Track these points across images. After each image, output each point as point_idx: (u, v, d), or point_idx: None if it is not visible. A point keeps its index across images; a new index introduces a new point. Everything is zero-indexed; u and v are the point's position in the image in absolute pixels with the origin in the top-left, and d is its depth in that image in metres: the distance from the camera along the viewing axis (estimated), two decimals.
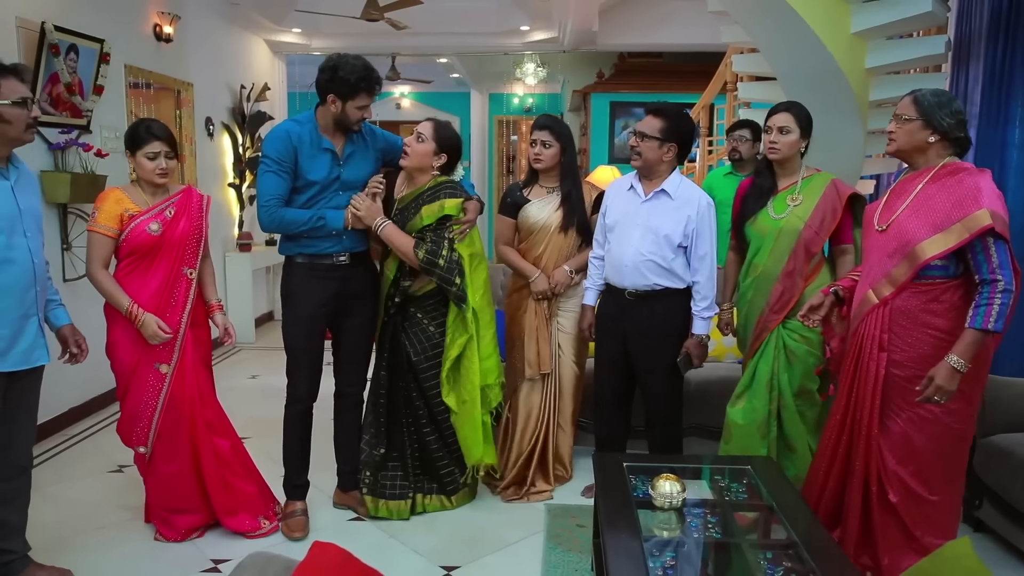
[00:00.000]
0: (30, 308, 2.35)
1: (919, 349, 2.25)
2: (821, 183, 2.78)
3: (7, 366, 2.29)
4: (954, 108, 2.24)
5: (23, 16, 3.72)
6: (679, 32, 7.26)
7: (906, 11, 3.52)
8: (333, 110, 2.77)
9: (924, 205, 2.24)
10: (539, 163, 3.18)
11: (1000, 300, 2.09)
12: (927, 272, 2.23)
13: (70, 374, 2.66)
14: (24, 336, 2.33)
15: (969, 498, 2.88)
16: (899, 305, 2.28)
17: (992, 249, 2.12)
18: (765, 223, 2.82)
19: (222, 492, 2.83)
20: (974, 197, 2.13)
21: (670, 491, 2.15)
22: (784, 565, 1.90)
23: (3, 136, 2.25)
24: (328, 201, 2.83)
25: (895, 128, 2.30)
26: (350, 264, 2.89)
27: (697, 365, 2.97)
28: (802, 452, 2.78)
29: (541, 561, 2.72)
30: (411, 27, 6.89)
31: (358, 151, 2.90)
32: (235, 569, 1.50)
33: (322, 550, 1.44)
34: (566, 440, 3.34)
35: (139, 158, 2.68)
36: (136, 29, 4.86)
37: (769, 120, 2.81)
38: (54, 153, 3.96)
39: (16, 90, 2.24)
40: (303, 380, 2.93)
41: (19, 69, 2.30)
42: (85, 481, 3.38)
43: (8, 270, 2.27)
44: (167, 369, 2.71)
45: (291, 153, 2.76)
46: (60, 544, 2.73)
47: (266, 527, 2.88)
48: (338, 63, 2.73)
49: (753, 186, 2.91)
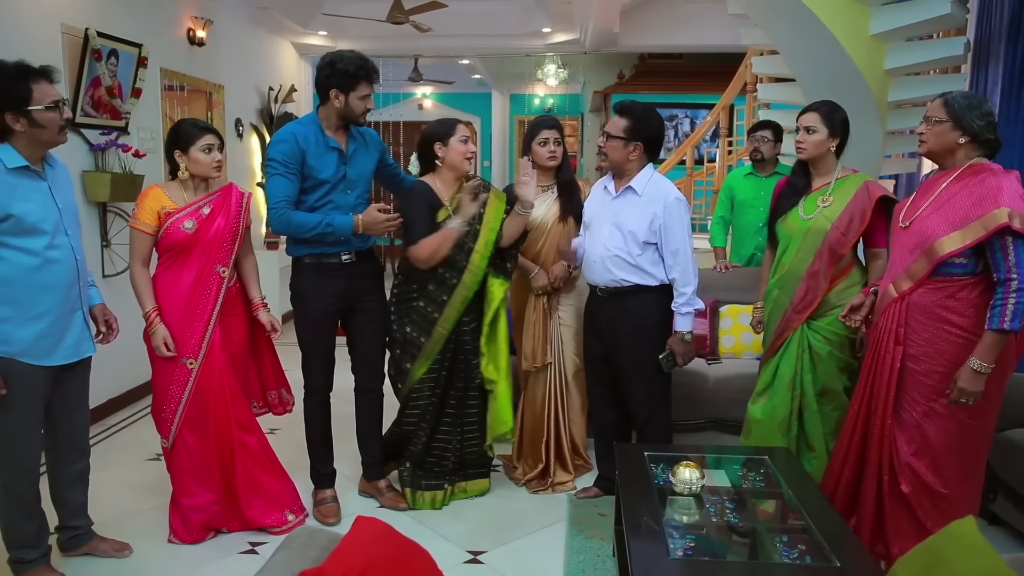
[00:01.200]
0: (75, 303, 2.47)
1: (935, 344, 2.30)
2: (854, 184, 2.76)
3: (58, 359, 2.42)
4: (985, 110, 2.28)
5: (68, 23, 3.88)
6: (699, 33, 7.31)
7: (924, 13, 3.57)
8: (337, 105, 2.83)
9: (946, 204, 2.29)
10: (554, 160, 3.27)
11: (1015, 299, 2.13)
12: (946, 269, 2.28)
13: (108, 366, 2.78)
14: (71, 330, 2.45)
15: (984, 491, 2.93)
16: (916, 300, 2.34)
17: (1010, 248, 2.15)
18: (794, 222, 2.83)
19: (246, 484, 2.86)
20: (994, 196, 2.17)
21: (690, 478, 2.25)
22: (799, 548, 1.98)
23: (38, 139, 2.32)
24: (336, 200, 2.89)
25: (925, 130, 2.35)
26: (356, 263, 2.96)
27: (680, 364, 2.95)
28: (820, 451, 2.80)
29: (564, 547, 2.82)
30: (434, 29, 7.01)
31: (360, 148, 2.98)
32: (284, 541, 1.62)
33: (365, 523, 1.55)
34: (579, 431, 3.42)
35: (194, 153, 2.71)
36: (171, 33, 5.02)
37: (798, 120, 2.83)
38: (94, 154, 4.12)
39: (48, 94, 2.31)
40: (318, 374, 3.04)
41: (49, 72, 2.36)
42: (127, 468, 3.53)
43: (54, 269, 2.37)
44: (193, 364, 2.74)
45: (298, 155, 2.82)
46: (108, 527, 2.86)
47: (292, 521, 2.92)
48: (334, 58, 2.81)
49: (787, 185, 2.93)
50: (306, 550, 1.52)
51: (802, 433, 2.84)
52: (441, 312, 2.97)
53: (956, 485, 2.35)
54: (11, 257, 2.29)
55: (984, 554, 1.37)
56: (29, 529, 2.47)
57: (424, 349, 2.99)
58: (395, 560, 1.47)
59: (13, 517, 2.45)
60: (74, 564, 2.66)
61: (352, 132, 2.96)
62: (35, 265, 2.32)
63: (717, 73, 7.99)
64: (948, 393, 2.26)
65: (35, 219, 2.31)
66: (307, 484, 3.14)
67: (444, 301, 2.97)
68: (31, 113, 2.27)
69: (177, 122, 2.84)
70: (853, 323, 2.58)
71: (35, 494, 2.47)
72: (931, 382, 2.32)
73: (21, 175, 2.31)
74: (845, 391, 2.78)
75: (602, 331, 3.03)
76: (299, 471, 3.16)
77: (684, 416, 3.47)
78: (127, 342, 2.89)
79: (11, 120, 2.26)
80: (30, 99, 2.26)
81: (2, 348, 2.29)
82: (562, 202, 3.28)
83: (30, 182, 2.34)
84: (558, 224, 3.29)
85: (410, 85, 10.72)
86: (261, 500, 2.89)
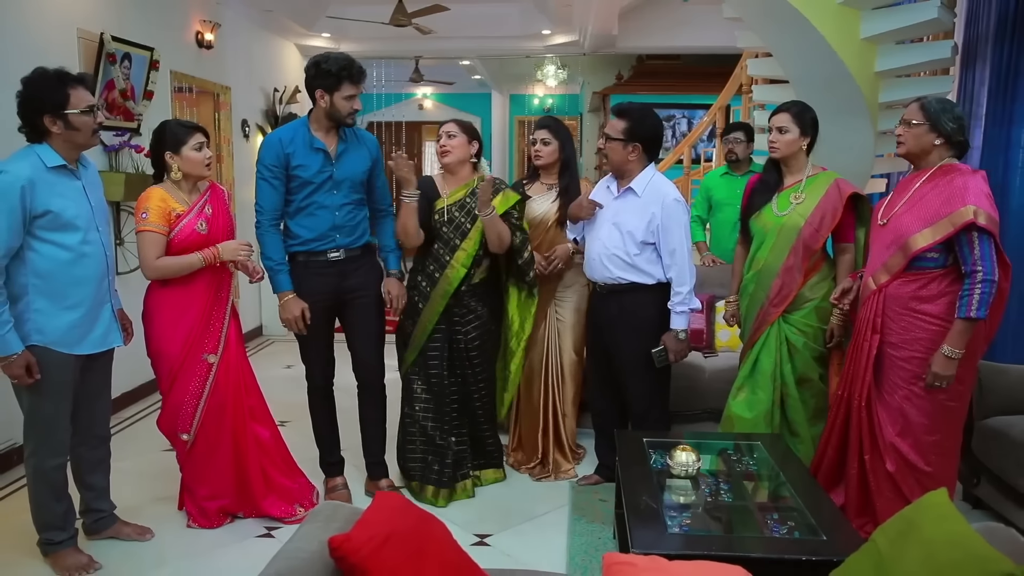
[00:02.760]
0: (104, 296, 2.60)
1: (912, 332, 2.48)
2: (824, 182, 2.91)
3: (87, 349, 2.56)
4: (956, 113, 2.45)
5: (83, 27, 4.01)
6: (696, 35, 7.43)
7: (913, 18, 3.69)
8: (323, 105, 2.89)
9: (919, 202, 2.47)
10: (539, 159, 3.39)
11: (980, 289, 2.31)
12: (920, 263, 2.46)
13: (121, 362, 2.84)
14: (100, 321, 2.59)
15: (968, 476, 3.07)
16: (892, 292, 2.51)
17: (976, 242, 2.33)
18: (768, 219, 2.97)
19: (260, 480, 2.95)
20: (961, 195, 2.35)
21: (686, 460, 2.38)
22: (788, 524, 2.11)
23: (73, 141, 2.47)
24: (321, 200, 2.95)
25: (903, 132, 2.51)
26: (344, 260, 3.02)
27: (673, 360, 3.03)
28: (804, 437, 2.95)
29: (567, 531, 2.94)
30: (436, 31, 7.13)
31: (350, 149, 3.01)
32: (309, 515, 1.74)
33: (386, 497, 1.67)
34: (570, 422, 3.55)
35: (186, 152, 2.75)
36: (180, 37, 5.14)
37: (770, 120, 2.97)
38: (109, 154, 4.24)
39: (84, 99, 2.45)
40: (316, 366, 3.14)
41: (86, 79, 2.52)
42: (144, 458, 3.66)
43: (86, 263, 2.51)
44: (214, 359, 2.84)
45: (281, 159, 2.89)
46: (129, 513, 2.97)
47: (301, 513, 2.99)
48: (319, 59, 2.89)
49: (760, 182, 3.07)
50: (331, 522, 1.64)
51: (785, 421, 2.98)
52: (426, 302, 3.12)
53: (936, 463, 2.51)
54: (47, 251, 2.42)
55: (953, 520, 1.49)
56: (57, 511, 2.60)
57: (413, 337, 3.15)
58: (415, 529, 1.60)
59: (43, 500, 2.58)
60: (99, 546, 2.78)
61: (343, 134, 2.99)
62: (69, 259, 2.46)
63: (714, 74, 8.11)
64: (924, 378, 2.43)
65: (71, 215, 2.45)
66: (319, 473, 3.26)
67: (428, 292, 3.13)
68: (68, 116, 2.41)
69: (161, 124, 2.83)
70: (844, 305, 2.73)
71: (64, 478, 2.61)
72: (910, 367, 2.48)
73: (59, 173, 2.45)
74: (820, 378, 2.95)
75: (602, 326, 3.15)
76: (310, 461, 3.27)
77: (682, 407, 3.60)
78: (140, 339, 2.94)
79: (49, 122, 2.41)
80: (67, 103, 2.41)
81: (37, 337, 2.43)
82: (562, 204, 3.37)
83: (67, 180, 2.49)
84: (556, 226, 3.40)
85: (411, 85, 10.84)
86: (274, 495, 2.99)
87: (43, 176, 2.40)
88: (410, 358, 3.18)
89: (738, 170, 4.28)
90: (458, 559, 1.68)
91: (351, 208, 3.03)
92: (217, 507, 2.96)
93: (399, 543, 1.52)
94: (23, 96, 2.42)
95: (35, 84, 2.41)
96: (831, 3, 3.64)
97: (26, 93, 2.42)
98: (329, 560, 1.50)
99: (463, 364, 3.21)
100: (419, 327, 3.14)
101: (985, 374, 3.00)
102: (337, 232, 3.00)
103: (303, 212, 2.97)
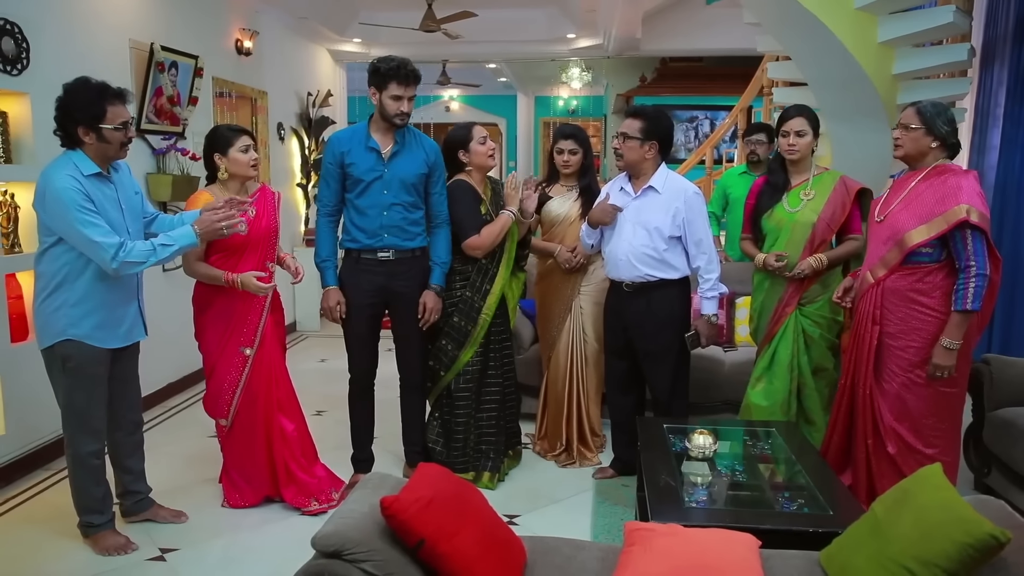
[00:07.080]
0: (132, 294, 2.76)
1: (909, 322, 2.64)
2: (831, 180, 3.08)
3: (116, 343, 2.71)
4: (948, 116, 2.61)
5: (135, 38, 4.25)
6: (719, 37, 7.54)
7: (929, 22, 3.79)
8: (375, 103, 3.00)
9: (914, 200, 2.62)
10: (568, 168, 3.57)
11: (975, 283, 2.47)
12: (915, 257, 2.61)
13: (166, 355, 3.01)
14: (127, 318, 2.74)
15: (979, 466, 3.19)
16: (890, 285, 2.66)
17: (969, 239, 2.49)
18: (782, 216, 3.11)
19: (285, 477, 3.08)
20: (955, 194, 2.50)
21: (704, 443, 2.53)
22: (799, 501, 2.26)
23: (103, 153, 2.57)
24: (371, 198, 3.05)
25: (901, 135, 2.66)
26: (394, 261, 3.10)
27: (704, 345, 3.18)
28: (820, 424, 3.09)
29: (591, 512, 3.11)
30: (464, 36, 7.32)
31: (405, 151, 3.07)
32: (359, 483, 1.93)
33: (428, 467, 1.86)
34: (595, 410, 3.70)
35: (233, 154, 2.89)
36: (221, 45, 5.39)
37: (786, 124, 3.09)
38: (156, 157, 4.49)
39: (120, 115, 2.56)
40: (359, 360, 3.21)
41: (124, 94, 2.59)
42: (190, 443, 3.88)
43: None
44: (250, 352, 2.98)
45: (338, 157, 3.04)
46: (176, 493, 3.19)
47: (314, 507, 3.06)
48: (379, 59, 2.98)
49: (767, 184, 3.21)
50: (379, 489, 1.82)
51: (801, 410, 3.14)
52: (484, 300, 3.26)
53: (937, 446, 2.65)
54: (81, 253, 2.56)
55: (945, 489, 1.64)
56: (96, 494, 2.75)
57: (471, 335, 3.26)
58: (456, 494, 1.78)
59: (83, 484, 2.73)
60: (136, 528, 2.94)
61: (400, 136, 3.06)
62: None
63: (736, 76, 8.22)
64: (926, 368, 2.59)
65: (104, 220, 2.54)
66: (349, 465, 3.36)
67: (487, 290, 3.26)
68: (102, 130, 2.52)
69: (213, 128, 3.03)
70: (846, 303, 2.88)
71: (101, 464, 2.76)
72: (908, 355, 2.64)
73: (94, 180, 2.56)
74: (835, 368, 3.10)
75: (627, 323, 3.24)
76: (340, 452, 3.40)
77: (701, 398, 3.74)
78: (183, 332, 3.12)
79: (82, 132, 2.52)
80: (103, 118, 2.52)
81: (72, 331, 2.59)
82: (583, 202, 3.55)
83: (103, 187, 2.59)
84: (578, 221, 3.55)
85: (438, 88, 11.05)
86: (294, 487, 3.12)
87: (85, 184, 2.50)
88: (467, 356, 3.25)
89: (757, 170, 4.38)
90: (493, 521, 1.85)
91: (401, 209, 3.08)
92: (251, 489, 3.12)
93: (442, 504, 1.71)
94: (61, 103, 2.51)
95: (75, 94, 2.50)
96: (848, 9, 3.76)
97: (65, 101, 2.50)
98: (379, 519, 1.69)
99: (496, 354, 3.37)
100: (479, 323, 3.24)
101: (996, 367, 3.12)
102: (385, 232, 3.07)
103: (358, 210, 3.08)
